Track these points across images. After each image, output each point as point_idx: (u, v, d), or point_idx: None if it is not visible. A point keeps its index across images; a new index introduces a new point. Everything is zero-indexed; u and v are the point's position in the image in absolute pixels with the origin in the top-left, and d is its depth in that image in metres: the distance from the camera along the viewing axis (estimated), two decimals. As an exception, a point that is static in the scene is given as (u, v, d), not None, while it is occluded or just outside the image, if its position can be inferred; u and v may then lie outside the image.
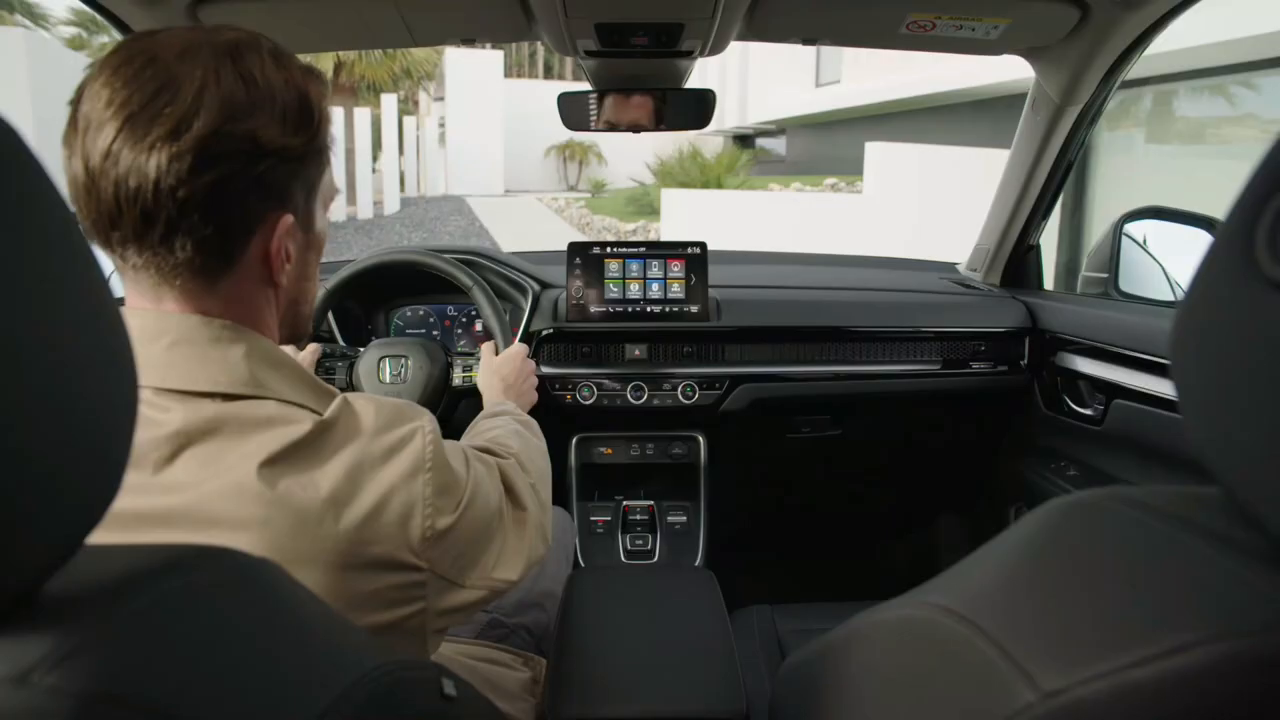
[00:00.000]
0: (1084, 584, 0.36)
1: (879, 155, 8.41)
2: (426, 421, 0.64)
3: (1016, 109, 1.38)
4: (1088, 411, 1.38)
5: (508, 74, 22.09)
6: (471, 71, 18.72)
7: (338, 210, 13.06)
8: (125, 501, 0.55)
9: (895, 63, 10.71)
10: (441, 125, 19.43)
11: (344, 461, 0.57)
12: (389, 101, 14.83)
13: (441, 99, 20.00)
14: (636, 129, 1.33)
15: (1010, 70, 8.03)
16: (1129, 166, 6.27)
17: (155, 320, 0.57)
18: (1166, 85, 6.10)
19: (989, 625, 0.37)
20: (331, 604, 0.55)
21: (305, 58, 0.64)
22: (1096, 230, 1.63)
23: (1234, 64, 5.55)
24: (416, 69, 18.75)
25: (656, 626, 0.89)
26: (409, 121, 17.30)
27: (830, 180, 10.47)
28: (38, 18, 17.72)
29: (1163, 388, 1.17)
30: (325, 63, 17.45)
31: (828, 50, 13.46)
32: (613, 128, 1.33)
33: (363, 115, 13.87)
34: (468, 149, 18.70)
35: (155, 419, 0.54)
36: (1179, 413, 0.36)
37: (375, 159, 14.89)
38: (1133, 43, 1.14)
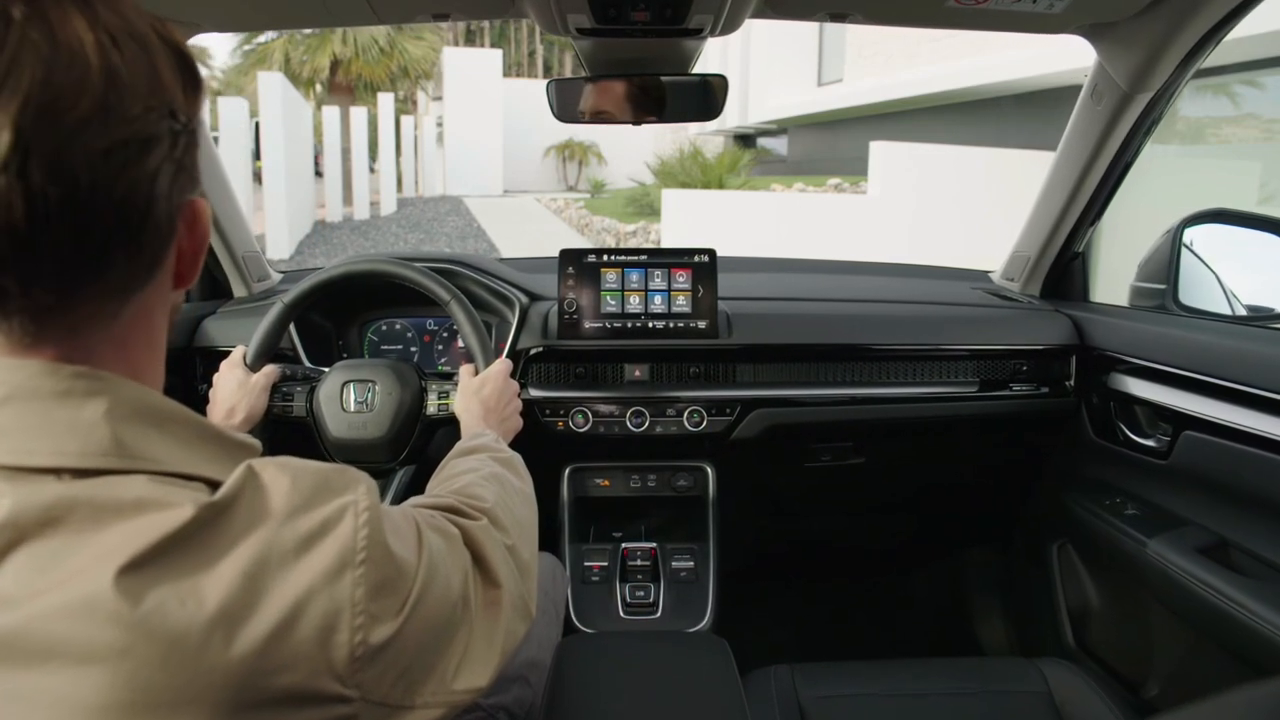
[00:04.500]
0: None
1: (883, 155, 8.31)
2: (361, 494, 0.48)
3: (1024, 108, 1.23)
4: (1150, 443, 1.22)
5: (506, 73, 21.98)
6: (470, 70, 18.54)
7: (334, 211, 12.94)
8: None
9: (898, 61, 10.59)
10: (439, 125, 19.26)
11: (240, 560, 0.41)
12: (386, 101, 14.69)
13: (439, 98, 19.84)
14: (636, 120, 1.17)
15: (1017, 68, 7.93)
16: (1135, 168, 6.22)
17: None
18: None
19: None
20: None
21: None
22: (1104, 233, 1.48)
23: (1235, 63, 5.47)
24: (414, 68, 18.65)
25: (661, 710, 0.77)
26: (406, 121, 17.15)
27: (834, 180, 10.32)
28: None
29: (1248, 420, 1.00)
30: (321, 62, 17.39)
31: (830, 49, 13.35)
32: (609, 118, 1.16)
33: (359, 115, 13.71)
34: (466, 149, 18.49)
35: None
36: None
37: (372, 159, 14.74)
38: (1219, 21, 0.97)
